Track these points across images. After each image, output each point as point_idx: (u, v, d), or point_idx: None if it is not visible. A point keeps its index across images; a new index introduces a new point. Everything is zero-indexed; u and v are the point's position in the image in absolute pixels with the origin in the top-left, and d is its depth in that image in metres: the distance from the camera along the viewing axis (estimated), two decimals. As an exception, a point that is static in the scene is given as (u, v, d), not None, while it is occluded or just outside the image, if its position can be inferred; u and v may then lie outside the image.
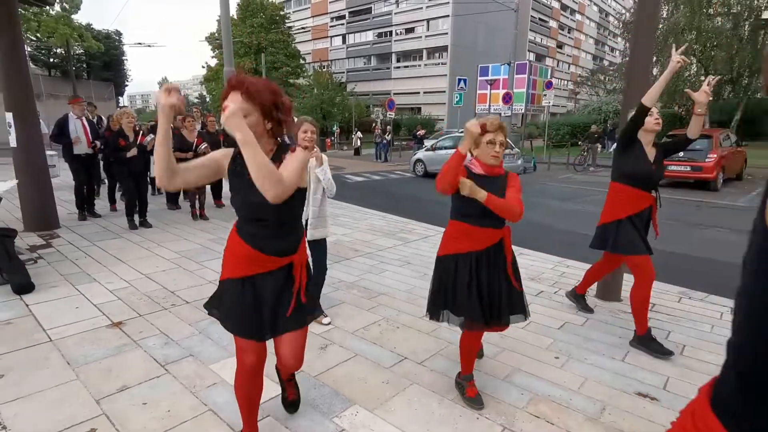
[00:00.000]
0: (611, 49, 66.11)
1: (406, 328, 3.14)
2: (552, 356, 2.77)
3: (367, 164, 18.57)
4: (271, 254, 1.67)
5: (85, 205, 6.39)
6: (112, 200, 7.01)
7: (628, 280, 3.96)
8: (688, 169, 10.59)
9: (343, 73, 46.17)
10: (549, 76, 23.74)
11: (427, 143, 19.48)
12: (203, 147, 6.00)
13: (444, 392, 2.38)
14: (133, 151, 5.55)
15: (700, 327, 3.26)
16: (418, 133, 19.28)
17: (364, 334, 3.02)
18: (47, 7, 16.25)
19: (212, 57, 35.97)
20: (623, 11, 33.09)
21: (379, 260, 4.77)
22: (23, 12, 16.33)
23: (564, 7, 55.60)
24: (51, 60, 35.36)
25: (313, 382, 2.43)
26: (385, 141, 20.18)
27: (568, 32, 58.03)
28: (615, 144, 3.58)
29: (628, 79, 3.55)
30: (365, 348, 2.83)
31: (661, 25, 18.97)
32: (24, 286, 3.57)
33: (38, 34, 20.77)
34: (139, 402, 2.20)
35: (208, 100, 39.91)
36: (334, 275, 4.17)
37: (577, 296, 3.53)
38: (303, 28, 42.39)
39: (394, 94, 40.48)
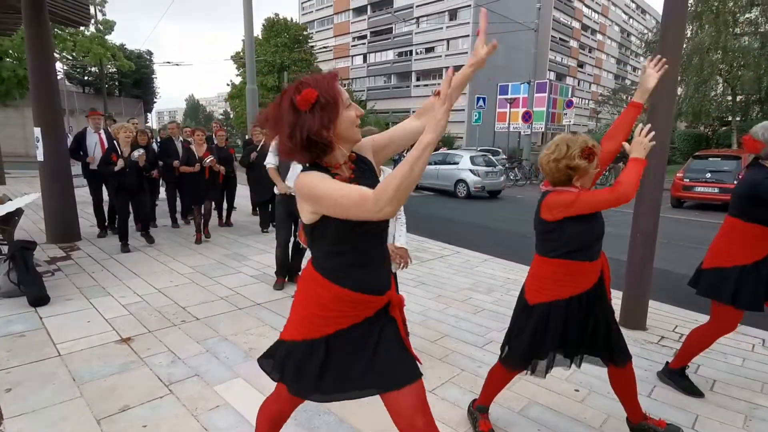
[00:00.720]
0: (633, 68, 65.52)
1: (417, 352, 3.00)
2: (572, 389, 2.61)
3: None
4: (374, 293, 1.37)
5: (106, 222, 6.27)
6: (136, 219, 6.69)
7: (653, 307, 3.77)
8: (716, 191, 10.22)
9: (364, 91, 46.87)
10: (570, 95, 23.54)
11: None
12: (209, 160, 5.86)
13: (455, 424, 2.25)
14: (120, 163, 5.18)
15: (732, 360, 3.05)
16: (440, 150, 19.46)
17: (373, 358, 2.92)
18: (82, 28, 17.04)
19: (237, 75, 37.01)
20: (645, 31, 32.83)
21: (393, 280, 4.67)
22: (60, 32, 17.16)
23: (585, 27, 55.52)
24: (85, 78, 37.01)
25: (317, 409, 2.33)
26: (403, 158, 20.25)
27: (589, 52, 57.77)
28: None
29: (652, 98, 3.43)
30: (374, 373, 2.73)
31: (685, 45, 18.70)
32: (39, 299, 3.61)
33: (74, 54, 21.75)
34: (138, 424, 2.15)
35: (231, 116, 40.93)
36: (346, 294, 4.10)
37: (673, 373, 2.69)
38: (325, 47, 43.36)
39: (414, 112, 40.72)
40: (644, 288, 3.49)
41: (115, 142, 5.44)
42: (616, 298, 3.92)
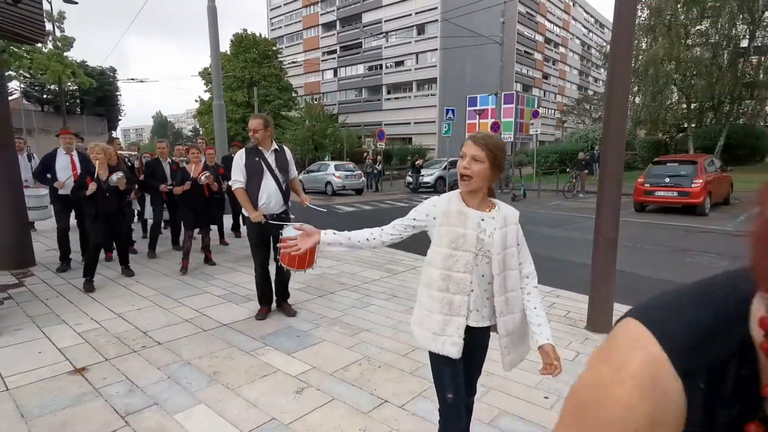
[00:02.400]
0: (595, 79, 68.37)
1: (387, 367, 2.98)
2: (541, 396, 2.62)
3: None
4: None
5: (70, 256, 5.48)
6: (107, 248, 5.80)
7: (618, 310, 3.85)
8: (675, 194, 10.65)
9: (335, 105, 47.00)
10: (536, 106, 24.23)
11: (424, 171, 19.68)
12: (204, 177, 5.25)
13: (425, 440, 2.21)
14: (92, 187, 4.54)
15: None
16: (417, 162, 19.88)
17: (343, 375, 2.86)
18: (39, 45, 16.48)
19: (205, 91, 36.50)
20: (604, 44, 34.38)
21: (365, 293, 4.63)
22: (16, 50, 16.53)
23: (548, 41, 57.67)
24: (44, 96, 35.73)
25: (285, 431, 2.25)
26: (376, 171, 20.29)
27: (553, 64, 59.96)
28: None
29: (607, 107, 3.55)
30: (343, 391, 2.66)
31: (641, 56, 19.65)
32: (-14, 330, 3.38)
33: (31, 71, 20.97)
34: (90, 460, 2.02)
35: (201, 132, 40.22)
36: (317, 310, 4.03)
37: None
38: (294, 62, 43.37)
39: (385, 124, 41.13)
40: (608, 291, 3.56)
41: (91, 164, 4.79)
42: (584, 303, 4.00)
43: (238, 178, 3.68)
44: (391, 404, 2.52)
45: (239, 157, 3.71)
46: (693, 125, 21.64)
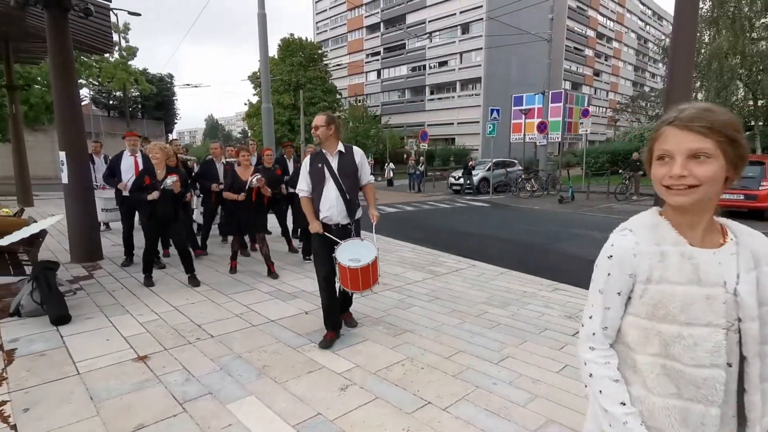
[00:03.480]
0: (652, 75, 64.64)
1: (430, 369, 2.98)
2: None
3: (400, 195, 18.63)
4: None
5: (133, 254, 5.69)
6: (164, 245, 6.00)
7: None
8: (741, 197, 9.89)
9: (378, 106, 47.35)
10: (586, 104, 23.28)
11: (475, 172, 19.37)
12: (255, 179, 5.02)
13: (469, 444, 2.20)
14: (155, 194, 4.57)
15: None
16: (470, 163, 18.82)
17: (386, 375, 2.88)
18: (107, 55, 17.78)
19: (254, 95, 37.87)
20: (662, 37, 32.45)
21: (407, 294, 4.64)
22: (86, 59, 17.93)
23: (600, 36, 55.15)
24: (110, 102, 38.49)
25: (330, 427, 2.31)
26: (418, 172, 20.25)
27: (605, 60, 57.26)
28: None
29: (667, 104, 3.37)
30: (387, 390, 2.69)
31: (703, 50, 18.41)
32: (61, 318, 3.70)
33: (99, 79, 22.68)
34: (152, 443, 2.17)
35: (249, 134, 41.79)
36: (360, 309, 4.08)
37: None
38: (339, 64, 44.09)
39: (428, 125, 40.98)
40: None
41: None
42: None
43: (302, 186, 3.41)
44: (435, 406, 2.52)
45: (305, 164, 3.45)
46: (760, 123, 20.01)
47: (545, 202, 14.70)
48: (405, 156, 23.16)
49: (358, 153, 3.45)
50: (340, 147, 3.37)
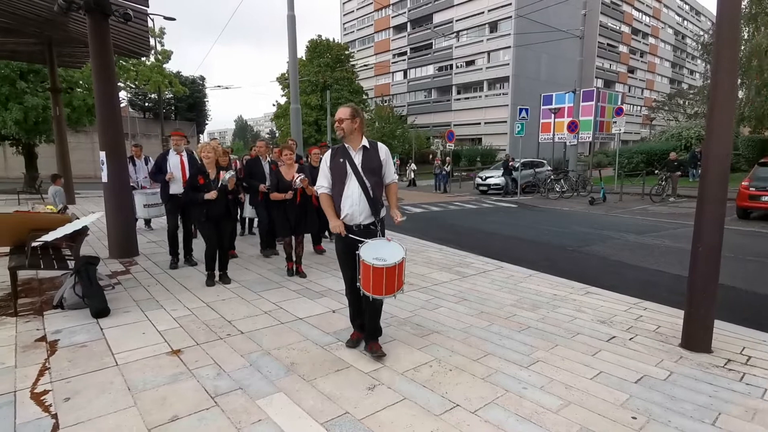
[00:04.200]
0: (690, 71, 62.06)
1: (459, 371, 2.94)
2: (628, 416, 2.43)
3: (426, 195, 18.55)
4: None
5: (178, 252, 5.67)
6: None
7: (719, 327, 3.47)
8: (790, 199, 9.35)
9: (404, 106, 47.31)
10: (619, 102, 22.54)
11: (493, 172, 19.08)
12: (299, 179, 4.80)
13: (499, 449, 2.15)
14: (213, 194, 4.53)
15: (817, 390, 2.72)
16: (510, 163, 17.53)
17: (414, 376, 2.86)
18: (143, 59, 18.44)
19: (282, 96, 38.50)
20: (701, 33, 31.10)
21: (434, 295, 4.60)
22: (124, 63, 18.64)
23: (635, 31, 53.37)
24: (146, 104, 39.94)
25: (358, 426, 2.31)
26: (444, 172, 20.11)
27: (641, 56, 55.37)
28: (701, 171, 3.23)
29: (711, 102, 3.21)
30: (414, 391, 2.67)
31: (743, 47, 17.61)
32: (101, 311, 3.85)
33: (136, 82, 23.56)
34: (186, 435, 2.22)
35: (277, 134, 42.51)
36: (386, 309, 4.07)
37: None
38: (366, 65, 44.29)
39: (455, 125, 40.65)
40: (708, 306, 3.22)
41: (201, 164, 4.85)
42: (678, 318, 3.65)
43: (321, 182, 3.23)
44: (463, 409, 2.48)
45: (324, 160, 3.26)
46: None
47: (575, 204, 14.32)
48: (431, 156, 22.96)
49: (383, 149, 3.23)
50: (365, 142, 3.15)
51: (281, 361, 3.06)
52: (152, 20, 21.77)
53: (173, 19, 20.02)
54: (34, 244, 4.11)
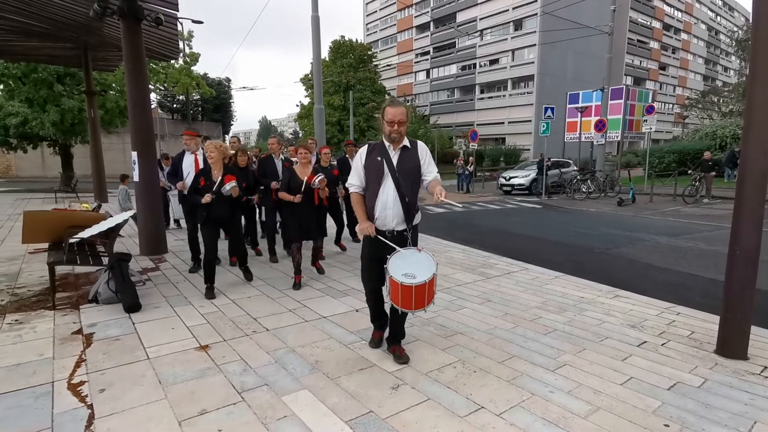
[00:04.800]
0: (725, 68, 59.72)
1: (483, 372, 2.91)
2: (660, 423, 2.35)
3: (448, 195, 18.39)
4: None
5: (200, 257, 5.29)
6: (231, 252, 5.64)
7: (756, 334, 3.33)
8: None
9: (427, 106, 47.14)
10: (650, 100, 21.87)
11: (517, 172, 18.78)
12: (318, 180, 4.51)
13: (525, 453, 2.12)
14: (207, 198, 4.28)
15: None
16: (547, 162, 16.54)
17: (438, 377, 2.85)
18: (173, 61, 18.95)
19: (305, 96, 38.96)
20: (735, 29, 29.86)
21: (458, 295, 4.57)
22: (154, 66, 19.20)
23: (667, 27, 51.67)
24: (174, 105, 41.07)
25: (382, 425, 2.31)
26: (467, 172, 19.93)
27: (673, 52, 53.56)
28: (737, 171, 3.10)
29: (749, 100, 3.08)
30: (438, 392, 2.66)
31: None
32: (133, 306, 3.98)
33: (165, 84, 24.25)
34: (215, 428, 2.27)
35: (300, 135, 43.05)
36: (410, 310, 4.06)
37: None
38: (389, 65, 44.32)
39: (478, 124, 40.25)
40: (745, 312, 3.09)
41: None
42: (713, 323, 3.52)
43: (353, 181, 3.01)
44: (488, 411, 2.46)
45: (359, 156, 3.02)
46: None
47: (603, 204, 13.96)
48: (455, 160, 22.70)
49: (422, 148, 2.98)
50: (406, 141, 2.95)
51: (306, 358, 3.10)
52: (181, 24, 22.39)
53: (201, 23, 20.54)
54: (72, 240, 4.28)
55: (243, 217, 5.52)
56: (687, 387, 2.74)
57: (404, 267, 2.76)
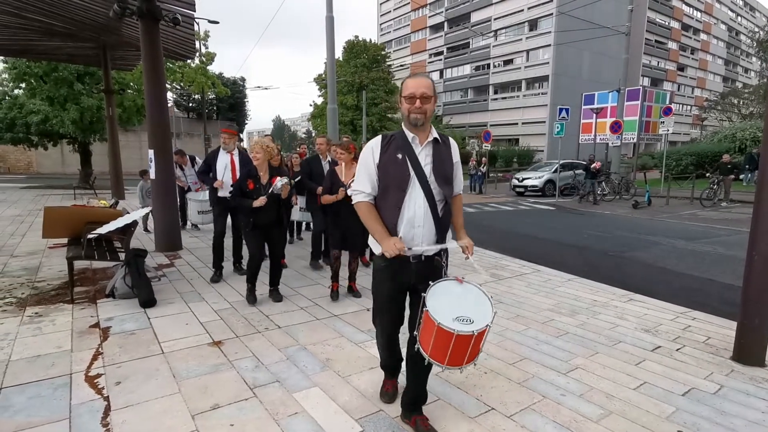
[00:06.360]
0: (745, 69, 58.39)
1: (494, 374, 2.90)
2: (674, 429, 2.32)
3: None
4: None
5: (222, 264, 5.09)
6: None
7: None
8: None
9: (440, 106, 47.01)
10: (668, 102, 21.49)
11: (531, 173, 18.61)
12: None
13: (536, 455, 2.11)
14: (261, 201, 3.91)
15: None
16: (594, 165, 15.11)
17: (448, 377, 2.85)
18: (189, 61, 19.21)
19: (319, 96, 39.10)
20: (756, 29, 29.18)
21: (469, 297, 4.55)
22: (171, 65, 19.50)
23: (685, 27, 50.72)
24: (189, 104, 41.61)
25: (392, 424, 2.32)
26: (480, 173, 19.82)
27: (691, 53, 52.55)
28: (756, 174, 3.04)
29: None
30: (449, 392, 2.66)
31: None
32: (149, 301, 4.06)
33: (181, 83, 24.61)
34: (227, 423, 2.30)
35: (313, 134, 43.27)
36: (421, 310, 4.06)
37: None
38: (402, 65, 44.26)
39: (491, 125, 40.01)
40: (763, 318, 3.02)
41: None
42: (730, 329, 3.46)
43: (361, 186, 2.15)
44: (499, 413, 2.45)
45: (370, 151, 2.14)
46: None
47: (617, 207, 13.77)
48: (469, 160, 22.58)
49: (455, 147, 2.22)
50: (435, 134, 2.13)
51: (317, 356, 3.12)
52: (197, 24, 22.70)
53: (217, 23, 20.79)
54: (90, 236, 4.38)
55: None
56: (702, 393, 2.69)
57: (452, 307, 1.95)
